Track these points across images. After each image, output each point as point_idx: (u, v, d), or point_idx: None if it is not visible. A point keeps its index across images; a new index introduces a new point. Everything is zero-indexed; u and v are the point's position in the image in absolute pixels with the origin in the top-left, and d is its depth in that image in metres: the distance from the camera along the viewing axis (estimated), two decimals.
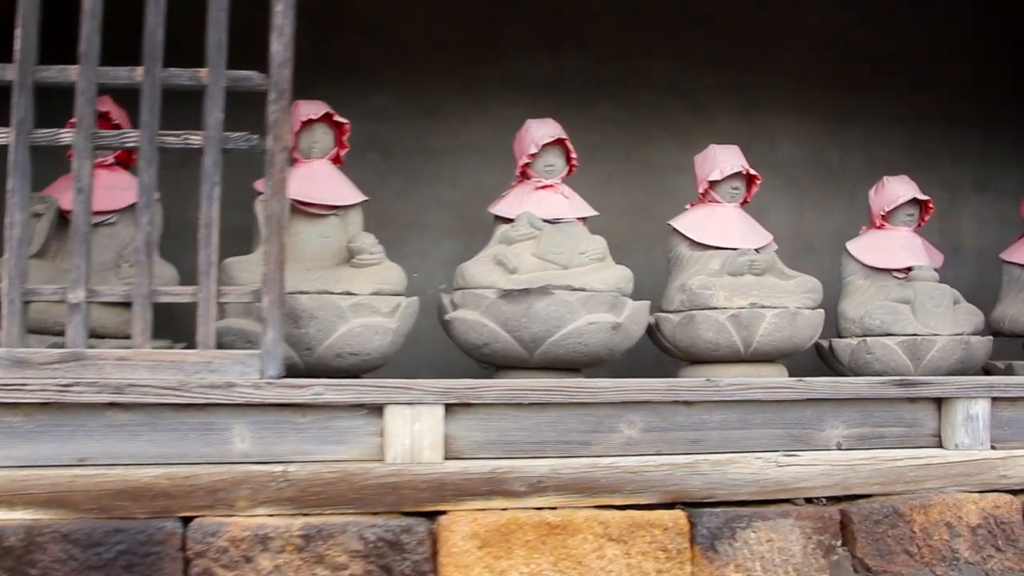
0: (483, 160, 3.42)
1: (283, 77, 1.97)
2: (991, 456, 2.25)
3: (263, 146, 1.97)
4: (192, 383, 1.90)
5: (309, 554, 1.85)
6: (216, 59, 1.95)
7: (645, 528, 1.98)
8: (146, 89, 1.92)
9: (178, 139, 1.95)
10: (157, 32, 1.93)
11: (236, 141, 1.97)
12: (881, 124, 3.65)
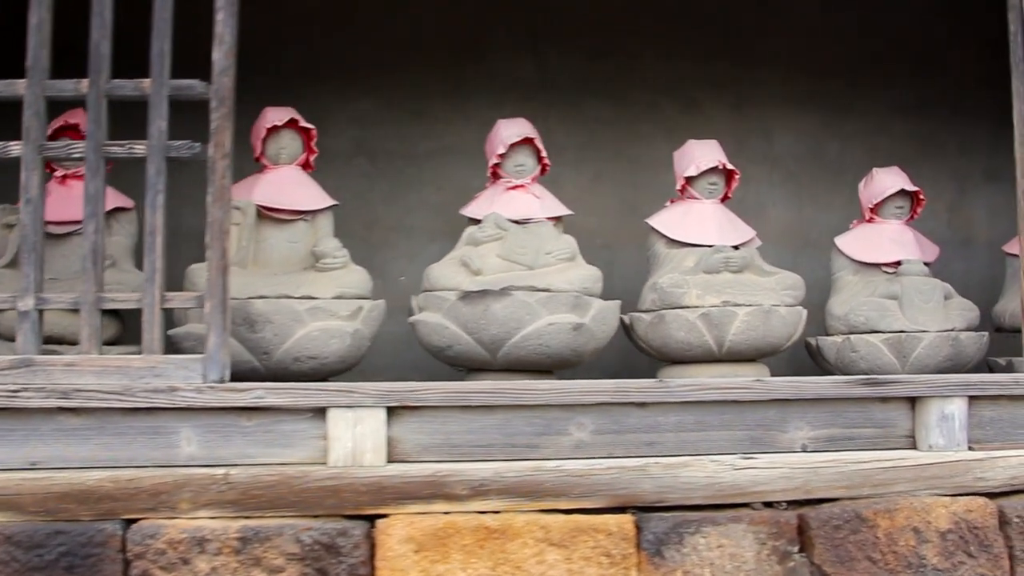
0: (469, 162, 3.41)
1: (223, 85, 2.01)
2: (967, 458, 2.15)
3: (205, 154, 2.00)
4: (137, 388, 1.95)
5: (246, 556, 1.87)
6: (159, 69, 2.00)
7: (588, 533, 1.94)
8: (91, 100, 1.98)
9: (123, 148, 2.01)
10: (102, 44, 1.98)
11: (179, 149, 2.01)
12: (883, 114, 3.52)
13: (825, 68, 3.50)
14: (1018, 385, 2.22)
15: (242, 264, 2.49)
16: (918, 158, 3.55)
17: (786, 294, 2.64)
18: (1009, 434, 2.24)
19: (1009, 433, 2.25)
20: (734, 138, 3.53)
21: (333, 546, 1.89)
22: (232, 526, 1.88)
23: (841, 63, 3.49)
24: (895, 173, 2.83)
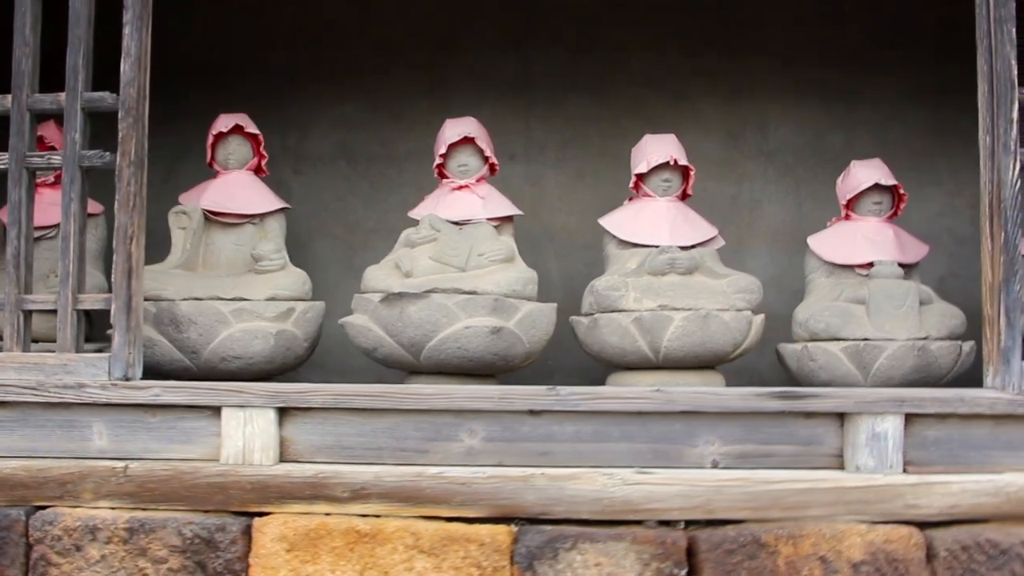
0: None
1: (130, 96, 2.12)
2: (898, 482, 1.96)
3: (114, 163, 2.13)
4: (49, 383, 2.10)
5: (132, 546, 1.98)
6: (73, 83, 2.14)
7: (460, 542, 1.93)
8: (14, 114, 2.15)
9: (42, 160, 2.16)
10: (23, 62, 2.14)
11: (91, 159, 2.15)
12: (895, 102, 3.25)
13: (828, 53, 3.27)
14: (962, 402, 2.01)
15: (189, 266, 2.62)
16: (935, 149, 3.27)
17: (738, 297, 2.51)
18: (958, 457, 2.04)
19: (958, 456, 2.04)
20: (726, 131, 3.39)
21: (212, 541, 1.97)
22: (122, 516, 2.00)
23: (846, 47, 3.26)
24: (873, 166, 2.62)
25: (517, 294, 2.47)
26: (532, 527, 1.96)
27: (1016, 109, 2.05)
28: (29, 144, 2.16)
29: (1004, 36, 2.05)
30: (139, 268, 2.15)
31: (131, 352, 2.11)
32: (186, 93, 3.24)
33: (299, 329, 2.54)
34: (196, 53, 3.39)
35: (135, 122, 2.13)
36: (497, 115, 3.45)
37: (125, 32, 2.13)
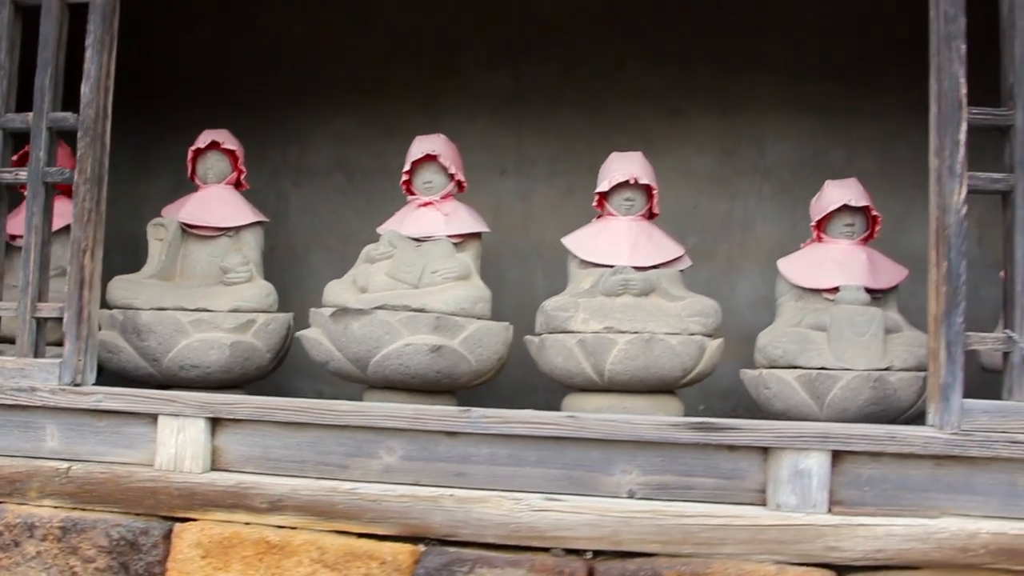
0: None
1: (88, 116, 2.28)
2: (820, 522, 1.89)
3: (72, 178, 2.29)
4: (8, 386, 2.27)
5: (65, 545, 2.11)
6: (39, 104, 2.31)
7: (363, 559, 1.97)
8: None
9: (11, 175, 2.34)
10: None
11: (52, 175, 2.31)
12: (900, 116, 3.10)
13: (828, 66, 3.16)
14: (893, 440, 1.91)
15: (165, 276, 2.77)
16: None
17: (693, 321, 2.46)
18: (895, 498, 1.94)
19: (895, 497, 1.94)
20: (721, 147, 3.32)
21: (136, 544, 2.08)
22: (58, 515, 2.14)
23: (847, 60, 3.14)
24: (845, 187, 2.52)
25: (465, 312, 2.50)
26: (435, 548, 1.98)
27: (963, 130, 1.94)
28: (3, 160, 2.34)
29: (952, 53, 1.95)
30: (93, 279, 2.29)
31: (81, 359, 2.26)
32: (195, 107, 3.42)
33: (260, 340, 2.65)
34: (206, 69, 3.59)
35: (92, 141, 2.28)
36: (489, 130, 3.51)
37: (86, 55, 2.29)
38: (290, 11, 3.60)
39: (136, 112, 3.62)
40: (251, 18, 3.62)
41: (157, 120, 3.58)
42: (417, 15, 3.51)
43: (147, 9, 3.62)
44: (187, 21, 3.65)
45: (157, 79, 3.62)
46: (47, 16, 2.30)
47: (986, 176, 1.96)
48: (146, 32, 3.64)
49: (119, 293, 2.64)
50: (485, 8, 3.47)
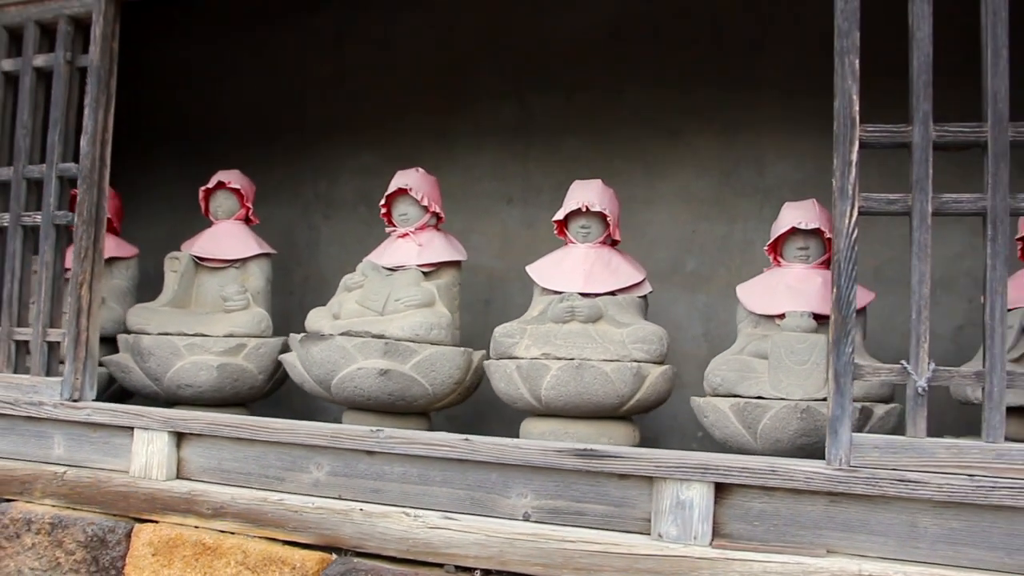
0: (454, 207, 3.70)
1: (85, 167, 2.70)
2: (696, 555, 1.92)
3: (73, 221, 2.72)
4: (23, 400, 2.72)
5: (53, 538, 2.51)
6: (51, 156, 2.76)
7: (277, 564, 2.21)
8: (13, 181, 2.81)
9: (30, 218, 2.81)
10: (21, 139, 2.81)
11: (60, 218, 2.75)
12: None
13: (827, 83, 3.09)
14: (773, 474, 1.91)
15: (179, 304, 3.18)
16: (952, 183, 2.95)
17: (635, 348, 2.52)
18: (786, 534, 1.94)
19: (787, 533, 1.94)
20: (720, 169, 3.33)
21: (104, 540, 2.44)
22: (49, 513, 2.54)
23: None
24: (799, 208, 2.50)
25: (420, 338, 2.70)
26: (342, 558, 2.19)
27: (856, 150, 1.92)
28: (25, 205, 2.82)
29: (845, 69, 1.94)
30: (90, 308, 2.71)
31: (79, 378, 2.67)
32: (237, 146, 3.89)
33: (251, 363, 2.98)
34: (244, 111, 4.04)
35: (89, 188, 2.70)
36: (498, 160, 3.71)
37: (85, 113, 2.72)
38: (315, 53, 3.99)
39: (189, 151, 4.16)
40: (281, 62, 4.04)
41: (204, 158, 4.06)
42: (431, 50, 3.79)
43: (186, 61, 4.15)
44: (226, 68, 4.12)
45: (203, 121, 4.12)
46: (57, 81, 2.75)
47: (881, 197, 1.92)
48: (186, 81, 4.17)
49: (133, 319, 3.06)
50: (493, 39, 3.69)
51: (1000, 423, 1.79)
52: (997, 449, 1.78)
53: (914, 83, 1.91)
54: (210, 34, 4.16)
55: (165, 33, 4.12)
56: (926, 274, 1.86)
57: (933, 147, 1.89)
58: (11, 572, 2.51)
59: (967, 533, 1.82)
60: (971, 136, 1.87)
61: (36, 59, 2.81)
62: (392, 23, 3.90)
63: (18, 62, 2.84)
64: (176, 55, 4.19)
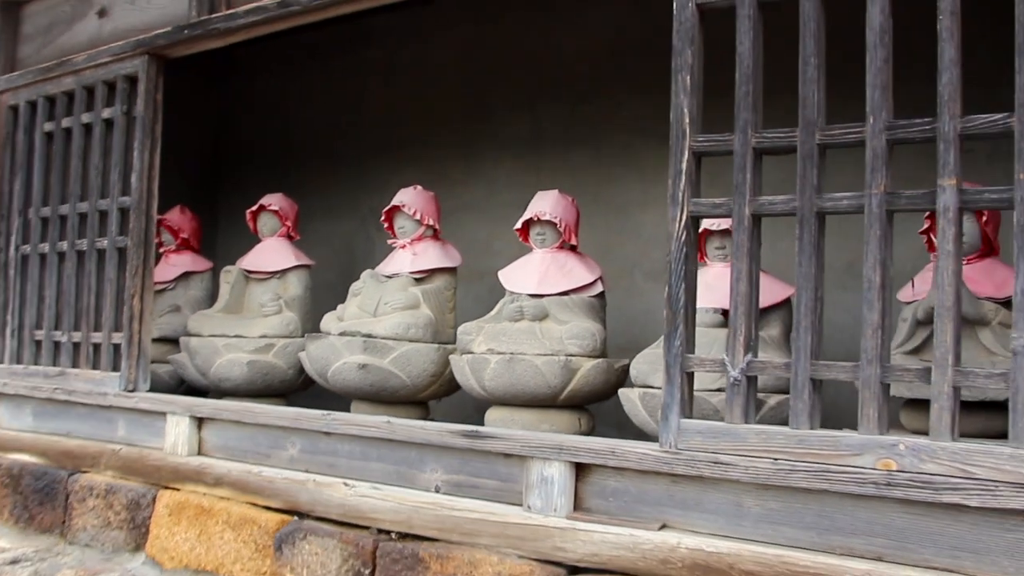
0: (478, 217, 4.24)
1: (135, 200, 3.49)
2: (551, 524, 2.30)
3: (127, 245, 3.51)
4: (95, 391, 3.56)
5: (106, 502, 3.29)
6: (112, 191, 3.58)
7: (251, 524, 2.83)
8: (90, 211, 3.67)
9: (105, 240, 3.64)
10: (91, 173, 3.66)
11: (119, 242, 3.56)
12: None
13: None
14: (612, 455, 2.25)
15: (231, 310, 3.92)
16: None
17: (571, 343, 2.90)
18: (633, 510, 2.28)
19: (633, 509, 2.28)
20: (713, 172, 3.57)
21: (139, 503, 3.18)
22: (106, 481, 3.33)
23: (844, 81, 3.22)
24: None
25: (399, 336, 3.23)
26: (296, 520, 2.76)
27: (685, 160, 2.22)
28: (120, 229, 3.64)
29: (678, 85, 2.24)
30: (142, 315, 3.49)
31: (132, 372, 3.46)
32: (308, 167, 4.66)
33: (280, 360, 3.65)
34: (313, 137, 4.79)
35: (139, 216, 3.49)
36: (514, 171, 4.18)
37: (134, 155, 3.51)
38: (364, 79, 4.66)
39: (270, 175, 4.96)
40: (340, 90, 4.74)
41: (279, 178, 4.86)
42: (456, 69, 4.32)
43: (270, 95, 4.96)
44: (296, 100, 4.88)
45: (281, 148, 4.91)
46: (116, 128, 3.57)
47: (708, 201, 2.21)
48: (272, 113, 4.98)
49: (191, 324, 3.83)
50: (508, 58, 4.16)
51: (803, 411, 2.03)
52: (799, 435, 2.02)
53: (737, 93, 2.17)
54: (282, 71, 4.95)
55: (251, 71, 4.97)
56: (743, 273, 2.13)
57: (754, 152, 2.15)
58: (79, 527, 3.33)
59: (783, 513, 2.08)
60: (785, 142, 2.11)
61: (104, 112, 3.65)
62: (422, 50, 4.47)
63: (92, 115, 3.69)
64: (263, 90, 5.03)
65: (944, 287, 1.89)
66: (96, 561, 3.13)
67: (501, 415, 2.99)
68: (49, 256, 3.82)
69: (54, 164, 3.85)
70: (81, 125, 3.74)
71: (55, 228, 3.81)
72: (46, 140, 3.89)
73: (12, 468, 3.61)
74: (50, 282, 3.80)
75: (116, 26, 3.68)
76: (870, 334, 1.96)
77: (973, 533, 1.87)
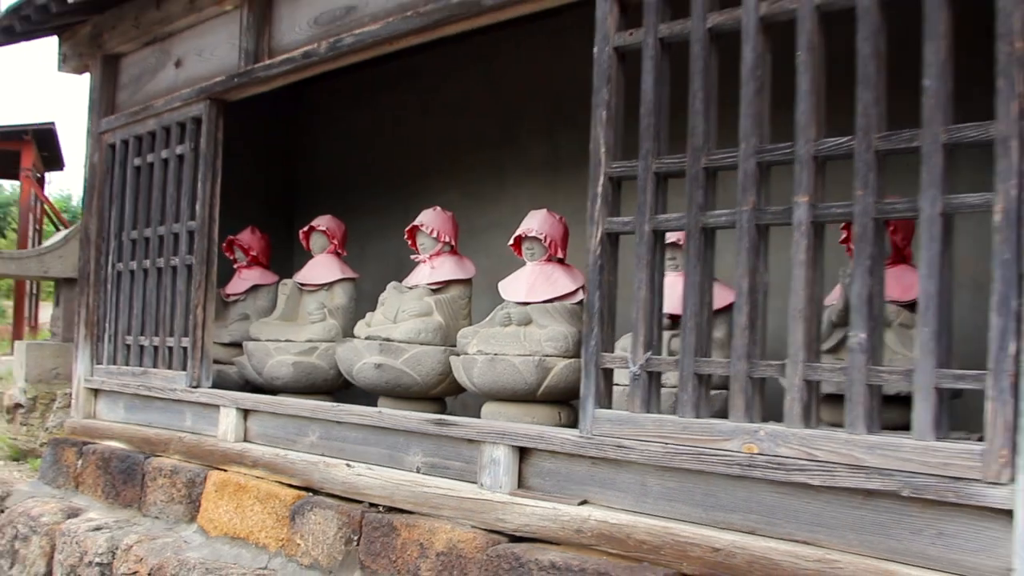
0: (505, 233, 4.68)
1: (198, 225, 4.15)
2: (495, 499, 2.73)
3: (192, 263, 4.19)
4: (167, 387, 4.25)
5: (171, 480, 3.96)
6: (183, 217, 4.27)
7: (273, 498, 3.39)
8: (152, 237, 4.38)
9: (164, 262, 4.34)
10: (181, 201, 4.37)
11: (187, 259, 4.24)
12: None
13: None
14: (542, 439, 2.66)
15: (287, 318, 4.54)
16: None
17: (548, 345, 3.31)
18: (564, 487, 2.68)
19: (564, 486, 2.68)
20: None
21: (194, 482, 3.82)
22: (172, 463, 3.99)
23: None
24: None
25: (411, 340, 3.73)
26: (309, 496, 3.30)
27: (600, 184, 2.61)
28: (188, 249, 4.35)
29: (596, 119, 2.63)
30: (204, 323, 4.15)
31: (196, 371, 4.12)
32: (364, 191, 5.27)
33: (322, 361, 4.23)
34: (371, 162, 5.40)
35: (202, 238, 4.15)
36: (535, 191, 4.63)
37: (198, 186, 4.18)
38: (409, 112, 5.22)
39: (338, 199, 5.60)
40: (392, 122, 5.33)
41: (343, 201, 5.49)
42: (484, 100, 4.81)
43: (335, 127, 5.60)
44: (356, 132, 5.50)
45: (347, 175, 5.54)
46: (186, 163, 4.25)
47: (620, 220, 2.58)
48: (339, 144, 5.63)
49: (252, 330, 4.47)
50: (530, 87, 4.61)
51: (688, 401, 2.37)
52: (684, 423, 2.37)
53: (641, 126, 2.54)
54: (344, 107, 5.59)
55: (319, 110, 5.63)
56: (643, 281, 2.49)
57: (655, 176, 2.51)
58: (151, 502, 4.01)
59: (678, 491, 2.42)
60: (678, 167, 2.46)
61: (176, 148, 4.35)
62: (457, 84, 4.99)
63: (168, 151, 4.40)
64: (330, 125, 5.69)
65: (797, 292, 2.20)
66: (160, 530, 3.79)
67: (492, 409, 3.42)
68: (136, 273, 4.56)
69: (141, 194, 4.59)
70: (160, 160, 4.46)
71: (140, 248, 4.55)
72: (135, 173, 4.65)
73: (104, 453, 4.35)
74: (136, 295, 4.54)
75: (188, 75, 4.38)
76: (739, 334, 2.29)
77: (826, 510, 2.17)
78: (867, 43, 2.14)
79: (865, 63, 2.14)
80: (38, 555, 3.99)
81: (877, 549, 2.08)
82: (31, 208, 9.82)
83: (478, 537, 2.70)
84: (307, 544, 3.16)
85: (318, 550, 3.12)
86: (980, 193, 1.97)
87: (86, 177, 4.98)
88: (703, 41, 2.43)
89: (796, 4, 2.25)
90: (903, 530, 2.05)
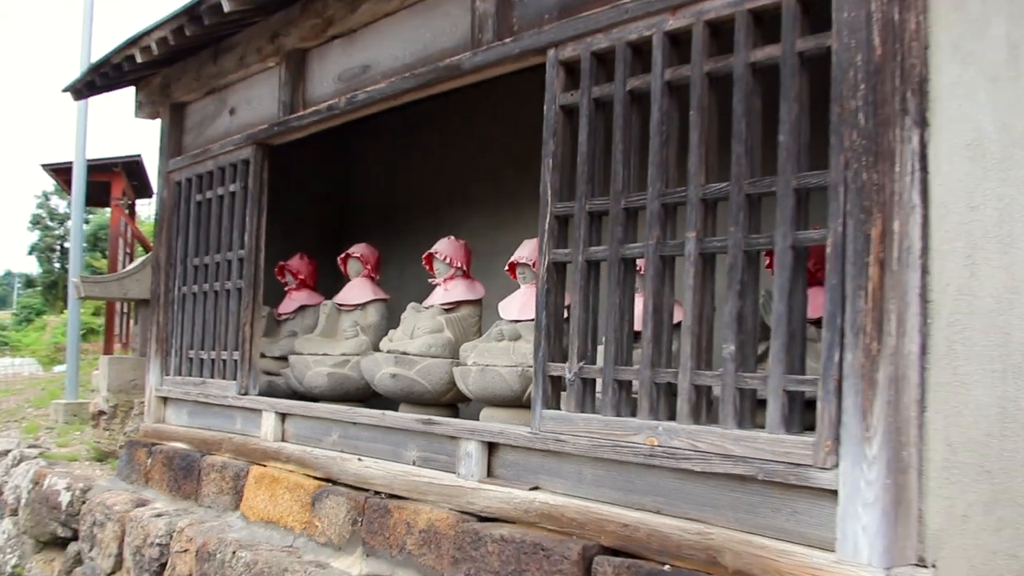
0: None
1: (245, 253, 4.94)
2: (467, 486, 3.37)
3: (241, 288, 4.97)
4: (219, 395, 5.04)
5: (221, 475, 4.72)
6: (235, 247, 5.07)
7: (299, 488, 4.11)
8: (210, 263, 5.18)
9: (219, 284, 5.14)
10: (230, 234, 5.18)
11: (237, 284, 5.03)
12: None
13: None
14: (502, 435, 3.27)
15: (327, 335, 5.29)
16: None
17: (531, 357, 3.92)
18: (522, 476, 3.29)
19: (522, 475, 3.29)
20: None
21: (239, 475, 4.58)
22: (222, 460, 4.77)
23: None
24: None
25: (423, 353, 4.40)
26: (328, 486, 4.00)
27: (548, 221, 3.22)
28: (238, 274, 5.15)
29: (545, 166, 3.25)
30: (252, 338, 4.92)
31: (244, 381, 4.89)
32: (407, 218, 6.00)
33: (354, 372, 4.94)
34: (412, 192, 6.13)
35: (249, 264, 4.93)
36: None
37: (247, 219, 4.97)
38: (443, 148, 5.92)
39: (381, 228, 6.35)
40: (429, 156, 6.05)
41: (388, 228, 6.23)
42: (503, 136, 5.47)
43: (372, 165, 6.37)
44: (399, 166, 6.24)
45: (392, 205, 6.29)
46: (238, 200, 5.05)
47: (561, 251, 3.18)
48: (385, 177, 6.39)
49: (296, 345, 5.23)
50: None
51: (609, 402, 2.95)
52: (605, 420, 2.95)
53: (577, 173, 3.14)
54: (387, 146, 6.35)
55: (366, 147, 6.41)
56: (578, 303, 3.08)
57: (588, 215, 3.10)
58: (204, 494, 4.79)
59: (606, 478, 3.00)
60: (602, 207, 3.05)
61: (230, 187, 5.16)
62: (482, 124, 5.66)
63: (223, 189, 5.22)
64: (376, 161, 6.46)
65: (687, 311, 2.76)
66: (210, 516, 4.55)
67: (487, 413, 4.05)
68: (197, 295, 5.39)
69: (201, 226, 5.43)
70: (217, 197, 5.28)
71: (201, 273, 5.38)
72: (197, 208, 5.48)
73: (169, 452, 5.18)
74: (197, 314, 5.37)
75: (240, 122, 5.19)
76: (645, 345, 2.86)
77: (711, 493, 2.71)
78: (740, 104, 2.70)
79: (738, 120, 2.70)
80: (111, 538, 4.82)
81: (749, 525, 2.61)
82: (120, 234, 10.98)
83: (451, 517, 3.33)
84: (323, 525, 3.86)
85: (331, 530, 3.81)
86: (820, 230, 2.50)
87: (157, 211, 5.86)
88: (624, 101, 3.02)
89: (690, 72, 2.82)
90: (767, 509, 2.58)
